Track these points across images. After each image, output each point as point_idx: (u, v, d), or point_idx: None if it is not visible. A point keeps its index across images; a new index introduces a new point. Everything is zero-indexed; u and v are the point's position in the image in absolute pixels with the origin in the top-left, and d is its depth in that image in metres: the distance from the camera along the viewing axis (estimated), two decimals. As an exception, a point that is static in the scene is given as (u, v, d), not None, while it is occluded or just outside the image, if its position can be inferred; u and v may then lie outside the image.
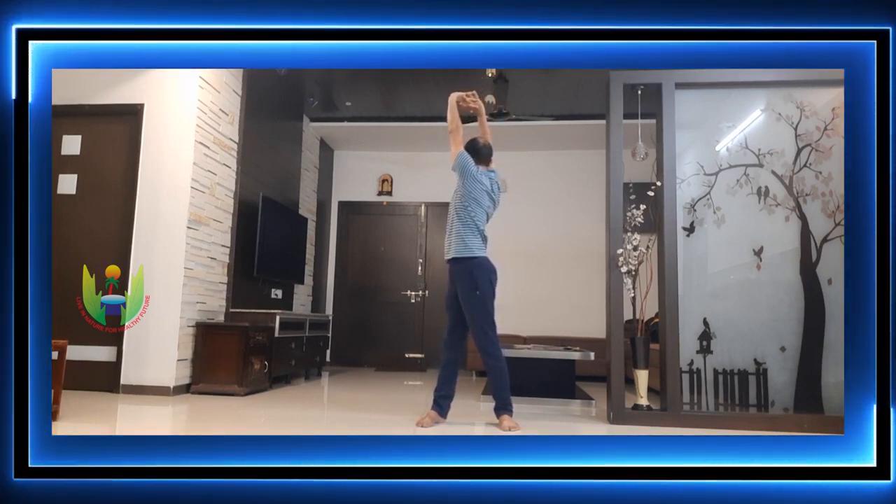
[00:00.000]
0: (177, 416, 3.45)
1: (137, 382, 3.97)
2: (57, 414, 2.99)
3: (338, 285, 7.24)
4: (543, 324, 6.68)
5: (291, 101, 5.99)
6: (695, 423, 3.28)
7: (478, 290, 3.16)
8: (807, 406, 3.39)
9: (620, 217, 3.51)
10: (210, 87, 4.40)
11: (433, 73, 5.38)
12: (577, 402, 4.30)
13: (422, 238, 7.23)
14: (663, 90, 3.52)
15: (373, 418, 3.51)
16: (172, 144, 4.19)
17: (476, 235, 3.23)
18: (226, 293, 4.66)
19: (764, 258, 3.53)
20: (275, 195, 5.46)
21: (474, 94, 3.34)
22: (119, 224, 4.14)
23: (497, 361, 3.18)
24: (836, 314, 3.34)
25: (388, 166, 7.36)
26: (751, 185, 3.56)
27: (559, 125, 6.30)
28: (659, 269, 3.52)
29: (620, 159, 3.54)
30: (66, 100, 4.13)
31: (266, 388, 4.43)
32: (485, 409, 3.76)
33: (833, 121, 3.46)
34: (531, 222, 6.97)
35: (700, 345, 3.53)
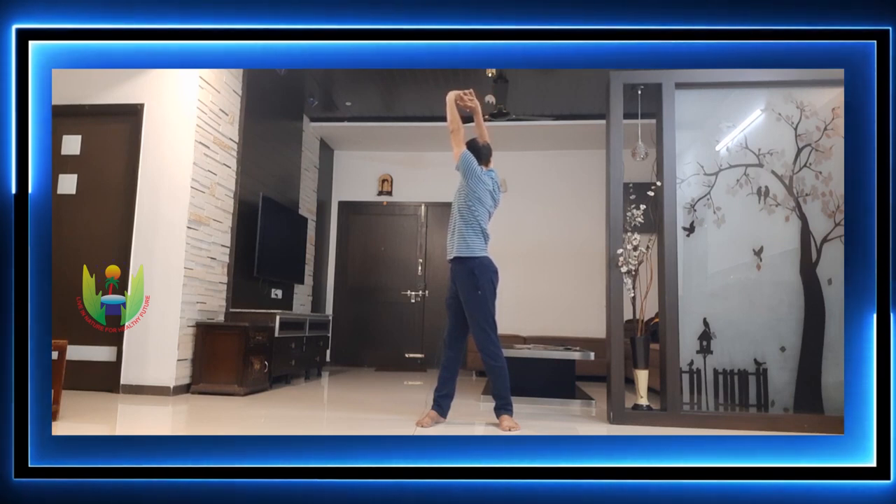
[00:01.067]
0: (177, 416, 3.45)
1: (137, 382, 3.97)
2: (57, 414, 2.99)
3: (338, 285, 7.24)
4: (543, 324, 6.68)
5: (291, 101, 5.99)
6: (695, 423, 3.28)
7: (479, 290, 3.16)
8: (807, 406, 3.39)
9: (620, 217, 3.51)
10: (210, 87, 4.40)
11: (433, 73, 5.38)
12: (577, 402, 4.30)
13: (422, 238, 7.23)
14: (663, 90, 3.52)
15: (373, 418, 3.51)
16: (172, 144, 4.19)
17: (478, 235, 3.24)
18: (226, 293, 4.66)
19: (764, 258, 3.53)
20: (275, 195, 5.46)
21: (471, 93, 3.33)
22: (119, 224, 4.14)
23: (497, 361, 3.18)
24: (836, 314, 3.34)
25: (388, 166, 7.36)
26: (751, 185, 3.56)
27: (559, 125, 6.29)
28: (659, 269, 3.52)
29: (620, 159, 3.54)
30: (66, 100, 4.13)
31: (266, 388, 4.43)
32: (485, 409, 3.76)
33: (833, 121, 3.46)
34: (531, 222, 6.97)
35: (700, 345, 3.53)
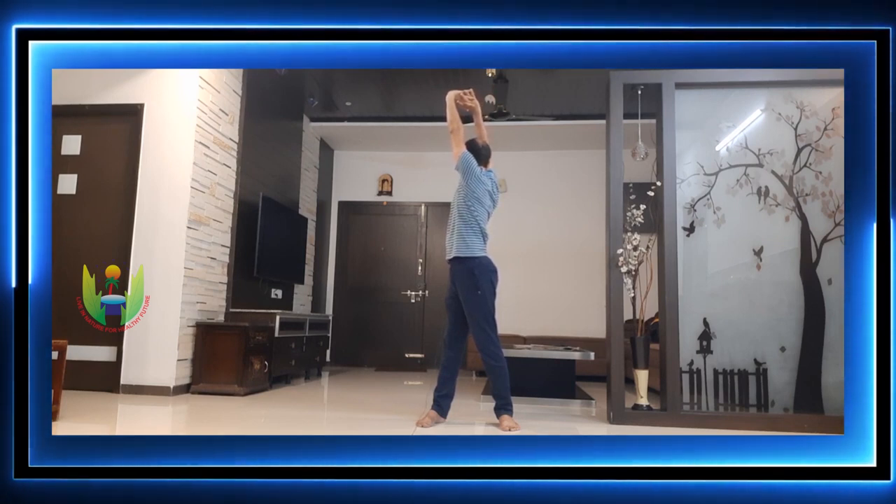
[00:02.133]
0: (177, 416, 3.45)
1: (137, 382, 3.97)
2: (57, 414, 2.99)
3: (338, 285, 7.24)
4: (543, 324, 6.68)
5: (291, 101, 5.99)
6: (695, 423, 3.28)
7: (479, 290, 3.16)
8: (807, 406, 3.39)
9: (620, 217, 3.51)
10: (210, 87, 4.40)
11: (433, 73, 5.38)
12: (577, 402, 4.30)
13: (422, 238, 7.23)
14: (663, 90, 3.52)
15: (373, 418, 3.51)
16: (172, 144, 4.19)
17: (478, 235, 3.24)
18: (226, 293, 4.66)
19: (764, 258, 3.53)
20: (275, 195, 5.46)
21: (471, 92, 3.33)
22: (119, 224, 4.14)
23: (497, 361, 3.18)
24: (836, 314, 3.34)
25: (388, 166, 7.36)
26: (751, 185, 3.56)
27: (559, 125, 6.29)
28: (659, 269, 3.52)
29: (620, 159, 3.54)
30: (66, 100, 4.13)
31: (266, 388, 4.43)
32: (485, 409, 3.76)
33: (833, 121, 3.46)
34: (531, 222, 6.97)
35: (700, 345, 3.53)
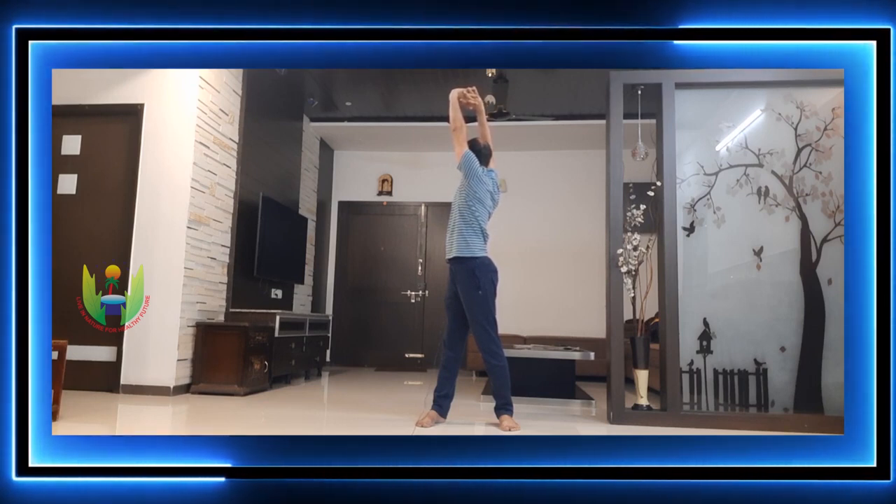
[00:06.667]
0: (177, 416, 3.45)
1: (137, 382, 3.97)
2: (57, 414, 2.99)
3: (338, 285, 7.24)
4: (543, 324, 6.68)
5: (291, 101, 5.99)
6: (695, 423, 3.28)
7: (480, 290, 3.16)
8: (807, 406, 3.39)
9: (620, 217, 3.51)
10: (210, 87, 4.40)
11: (433, 73, 5.38)
12: (577, 402, 4.30)
13: (422, 238, 7.23)
14: (663, 90, 3.52)
15: (373, 418, 3.51)
16: (172, 144, 4.19)
17: (478, 235, 3.24)
18: (226, 293, 4.66)
19: (764, 258, 3.53)
20: (275, 195, 5.46)
21: (474, 90, 3.33)
22: (119, 224, 4.14)
23: (498, 361, 3.18)
24: (836, 314, 3.34)
25: (388, 166, 7.36)
26: (751, 185, 3.56)
27: (559, 125, 6.30)
28: (659, 269, 3.52)
29: (620, 159, 3.54)
30: (66, 100, 4.13)
31: (266, 388, 4.43)
32: (485, 409, 3.76)
33: (833, 121, 3.46)
34: (531, 222, 6.97)
35: (700, 345, 3.53)
